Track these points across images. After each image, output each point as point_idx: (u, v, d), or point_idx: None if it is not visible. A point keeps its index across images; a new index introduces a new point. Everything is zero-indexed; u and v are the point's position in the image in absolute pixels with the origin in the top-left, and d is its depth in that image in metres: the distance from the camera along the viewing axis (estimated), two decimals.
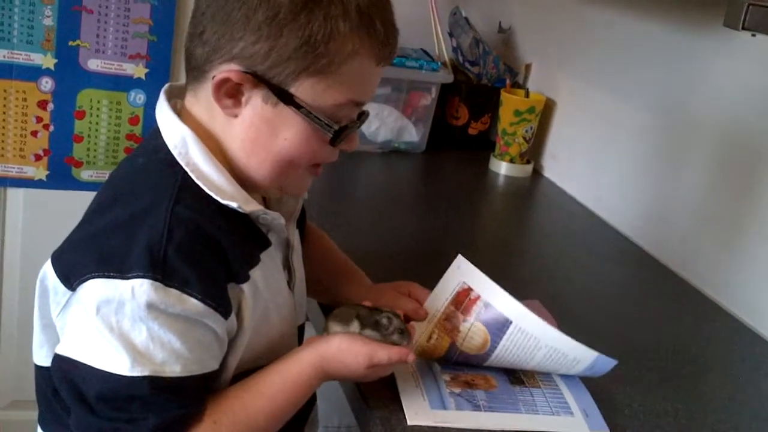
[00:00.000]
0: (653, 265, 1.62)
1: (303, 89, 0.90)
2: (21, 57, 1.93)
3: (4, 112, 1.96)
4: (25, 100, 1.96)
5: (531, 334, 1.04)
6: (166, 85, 0.99)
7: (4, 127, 1.97)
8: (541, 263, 1.62)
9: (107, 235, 0.86)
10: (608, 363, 1.05)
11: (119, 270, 0.83)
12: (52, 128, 1.99)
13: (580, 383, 1.10)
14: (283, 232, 1.00)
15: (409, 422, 0.97)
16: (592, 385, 1.12)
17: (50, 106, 1.98)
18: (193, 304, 0.84)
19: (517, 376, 1.09)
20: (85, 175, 2.06)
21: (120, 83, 2.01)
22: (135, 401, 0.82)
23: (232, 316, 0.90)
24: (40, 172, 2.02)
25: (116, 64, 1.99)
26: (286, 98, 0.90)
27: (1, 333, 2.14)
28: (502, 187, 2.03)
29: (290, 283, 1.04)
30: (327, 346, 0.97)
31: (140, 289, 0.82)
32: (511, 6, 2.34)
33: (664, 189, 1.66)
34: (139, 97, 2.03)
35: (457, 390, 1.03)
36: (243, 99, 0.91)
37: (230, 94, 0.90)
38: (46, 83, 1.96)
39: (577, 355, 1.05)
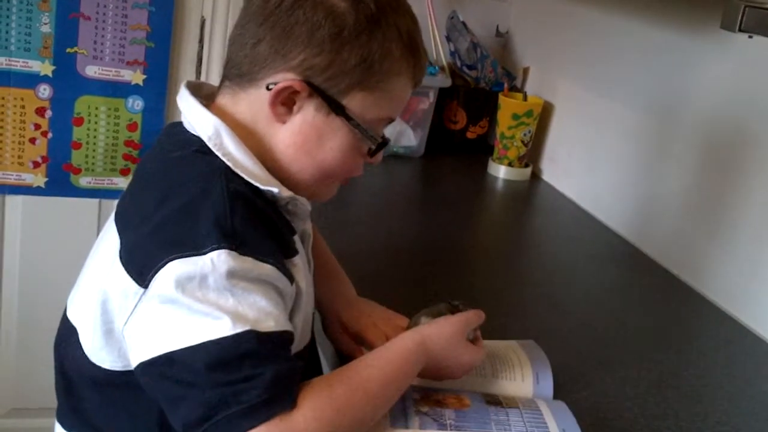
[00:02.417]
0: (652, 267, 1.62)
1: (354, 102, 0.95)
2: (19, 64, 1.93)
3: (2, 120, 1.96)
4: (23, 107, 1.96)
5: None
6: (185, 81, 1.03)
7: (2, 135, 1.97)
8: (539, 266, 1.62)
9: (171, 224, 0.87)
10: None
11: (194, 248, 0.84)
12: (50, 135, 2.00)
13: (564, 406, 1.04)
14: (305, 219, 1.03)
15: None
16: (591, 390, 1.12)
17: (48, 113, 1.98)
18: (267, 268, 0.86)
19: (494, 397, 1.03)
20: (84, 181, 2.06)
21: (118, 89, 2.01)
22: (246, 359, 0.82)
23: (294, 284, 0.93)
24: (38, 179, 2.02)
25: (114, 70, 2.00)
26: (338, 109, 0.95)
27: (0, 340, 2.14)
28: (501, 191, 2.03)
29: (309, 271, 1.06)
30: (426, 327, 1.00)
31: (219, 259, 0.83)
32: (508, 10, 2.34)
33: (662, 191, 1.66)
34: (137, 103, 2.04)
35: (425, 409, 0.98)
36: (295, 107, 0.95)
37: (285, 102, 0.95)
38: (44, 90, 1.96)
39: None
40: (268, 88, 0.94)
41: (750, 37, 1.08)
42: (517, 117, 2.02)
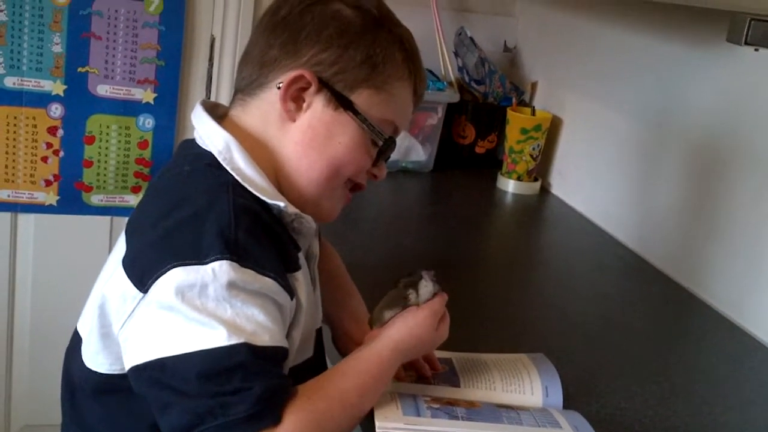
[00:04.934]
0: (663, 280, 1.61)
1: (361, 99, 1.00)
2: (31, 84, 1.95)
3: (14, 139, 1.98)
4: (35, 126, 1.98)
5: None
6: (201, 100, 1.06)
7: (14, 153, 1.99)
8: (549, 279, 1.62)
9: (176, 233, 0.89)
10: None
11: (197, 257, 0.85)
12: (62, 154, 2.01)
13: (577, 413, 1.04)
14: (310, 237, 1.04)
15: (378, 425, 0.93)
16: (601, 402, 1.12)
17: (60, 132, 2.00)
18: (267, 281, 0.88)
19: (504, 403, 1.04)
20: (96, 199, 2.07)
21: (129, 108, 2.03)
22: (237, 371, 0.83)
23: (294, 299, 0.95)
24: (50, 198, 2.04)
25: (125, 89, 2.01)
26: (347, 104, 0.99)
27: (13, 358, 2.14)
28: (510, 205, 2.03)
29: (314, 288, 1.07)
30: (396, 330, 1.00)
31: (220, 269, 0.84)
32: (515, 25, 2.35)
33: (670, 203, 1.66)
34: (147, 121, 2.05)
35: (436, 405, 0.99)
36: (305, 104, 0.99)
37: (295, 98, 0.98)
38: (56, 109, 1.98)
39: None
40: (278, 87, 0.98)
41: (756, 50, 1.08)
42: (526, 131, 2.02)
